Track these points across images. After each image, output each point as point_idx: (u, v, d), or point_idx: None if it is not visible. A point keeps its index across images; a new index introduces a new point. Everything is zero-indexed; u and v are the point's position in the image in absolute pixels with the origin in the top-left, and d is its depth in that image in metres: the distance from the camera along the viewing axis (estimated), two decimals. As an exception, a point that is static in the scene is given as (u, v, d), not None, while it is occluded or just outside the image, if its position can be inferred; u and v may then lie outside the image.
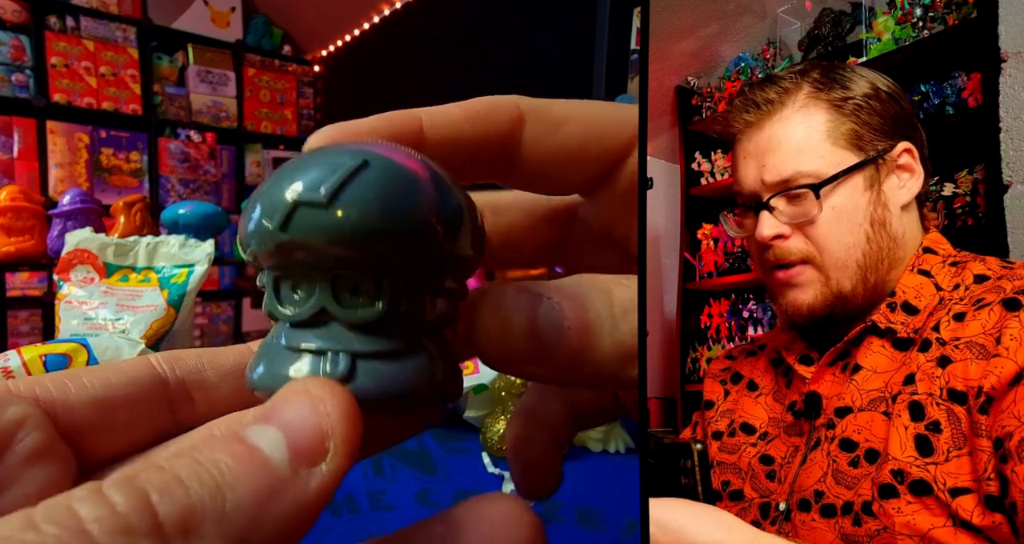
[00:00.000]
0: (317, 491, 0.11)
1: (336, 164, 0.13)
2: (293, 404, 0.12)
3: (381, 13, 2.40)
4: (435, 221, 0.13)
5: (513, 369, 0.15)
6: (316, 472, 0.11)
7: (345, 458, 0.12)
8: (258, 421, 0.12)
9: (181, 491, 0.10)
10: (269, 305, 0.14)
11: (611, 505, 0.45)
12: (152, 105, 2.31)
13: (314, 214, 0.12)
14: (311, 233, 0.13)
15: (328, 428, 0.12)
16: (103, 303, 0.66)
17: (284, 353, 0.14)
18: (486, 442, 0.56)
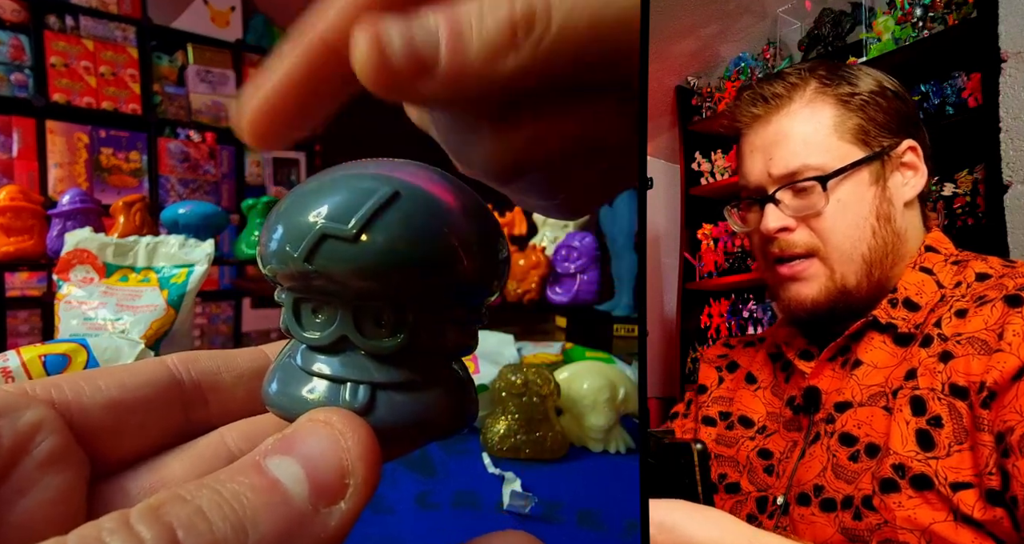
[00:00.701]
0: (336, 529, 0.11)
1: (366, 192, 0.13)
2: (314, 436, 0.12)
3: (381, 13, 2.40)
4: (462, 254, 0.13)
5: (396, 94, 0.14)
6: (336, 510, 0.11)
7: (364, 496, 0.12)
8: (279, 451, 0.12)
9: (205, 525, 0.10)
10: (287, 323, 0.14)
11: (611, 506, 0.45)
12: (152, 105, 2.31)
13: (341, 247, 0.12)
14: (336, 266, 0.12)
15: (349, 465, 0.12)
16: (103, 303, 0.66)
17: (301, 375, 0.14)
18: (486, 442, 0.56)
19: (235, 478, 0.11)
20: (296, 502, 0.11)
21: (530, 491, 0.45)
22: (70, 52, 2.13)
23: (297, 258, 0.13)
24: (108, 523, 0.10)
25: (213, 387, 0.16)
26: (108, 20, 2.22)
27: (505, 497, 0.46)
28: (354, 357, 0.13)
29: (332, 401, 0.13)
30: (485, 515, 0.45)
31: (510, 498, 0.45)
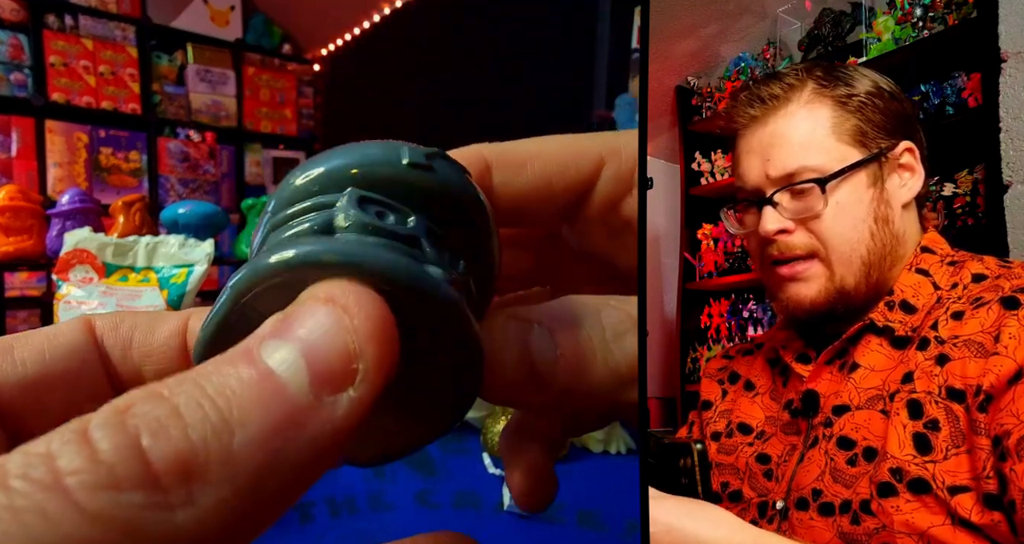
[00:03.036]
0: (344, 420, 0.10)
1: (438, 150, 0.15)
2: (314, 316, 0.10)
3: (381, 13, 2.40)
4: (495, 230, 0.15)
5: (506, 401, 0.15)
6: (343, 398, 0.10)
7: (377, 381, 0.10)
8: (274, 335, 0.10)
9: (178, 430, 0.08)
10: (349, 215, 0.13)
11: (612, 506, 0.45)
12: (151, 104, 2.31)
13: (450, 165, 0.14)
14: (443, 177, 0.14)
15: (356, 346, 0.10)
16: (102, 303, 0.66)
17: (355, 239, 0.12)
18: (486, 443, 0.56)
19: (221, 369, 0.09)
20: (292, 393, 0.09)
21: (530, 491, 0.45)
22: (69, 51, 2.13)
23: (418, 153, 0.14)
24: (63, 433, 0.08)
25: (121, 360, 0.14)
26: (107, 19, 2.22)
27: (505, 497, 0.46)
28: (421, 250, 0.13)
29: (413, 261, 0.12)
30: (485, 515, 0.45)
31: (510, 498, 0.45)
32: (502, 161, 0.18)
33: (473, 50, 1.94)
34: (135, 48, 2.26)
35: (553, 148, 0.18)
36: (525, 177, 0.18)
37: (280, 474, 0.09)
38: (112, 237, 0.73)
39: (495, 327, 0.14)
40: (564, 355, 0.14)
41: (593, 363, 0.14)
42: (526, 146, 0.18)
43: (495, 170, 0.18)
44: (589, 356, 0.14)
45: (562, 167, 0.18)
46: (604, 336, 0.14)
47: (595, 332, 0.14)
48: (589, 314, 0.14)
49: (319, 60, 2.77)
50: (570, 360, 0.14)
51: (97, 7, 2.20)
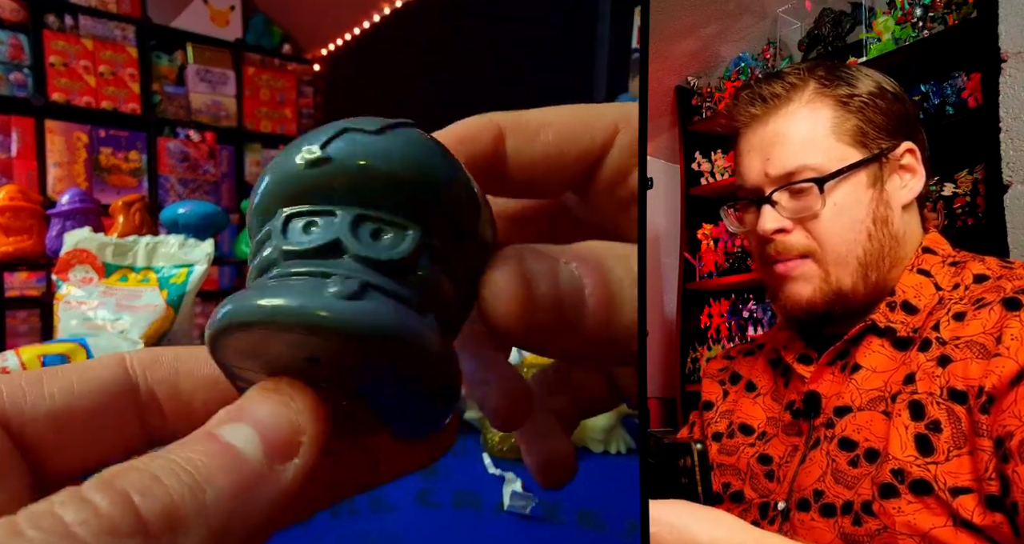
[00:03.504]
0: (292, 483, 0.12)
1: (381, 119, 0.13)
2: (263, 402, 0.12)
3: (381, 12, 2.40)
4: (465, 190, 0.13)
5: (533, 342, 0.14)
6: (291, 466, 0.12)
7: (316, 451, 0.12)
8: (231, 420, 0.12)
9: (161, 489, 0.10)
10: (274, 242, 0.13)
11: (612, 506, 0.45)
12: (151, 104, 2.31)
13: (360, 138, 0.13)
14: (351, 155, 0.12)
15: (299, 423, 0.12)
16: (102, 303, 0.66)
17: (276, 284, 0.12)
18: (486, 443, 0.56)
19: (188, 447, 0.11)
20: (250, 461, 0.11)
21: (531, 491, 0.45)
22: (69, 51, 2.13)
23: (311, 148, 0.12)
24: (59, 497, 0.10)
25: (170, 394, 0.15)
26: (107, 19, 2.22)
27: (505, 497, 0.45)
28: (344, 262, 0.12)
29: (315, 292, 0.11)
30: (485, 515, 0.45)
31: (511, 498, 0.45)
32: (515, 128, 0.17)
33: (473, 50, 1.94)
34: (135, 48, 2.26)
35: (567, 116, 0.18)
36: (538, 145, 0.17)
37: (243, 524, 0.11)
38: (112, 237, 0.73)
39: (523, 258, 0.13)
40: (593, 294, 0.13)
41: (621, 308, 0.13)
42: (540, 114, 0.18)
43: (509, 137, 0.17)
44: (618, 298, 0.13)
45: (575, 135, 0.17)
46: (633, 281, 0.14)
47: (627, 276, 0.14)
48: (620, 258, 0.14)
49: (319, 60, 2.77)
50: (599, 300, 0.13)
51: (97, 7, 2.20)
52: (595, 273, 0.13)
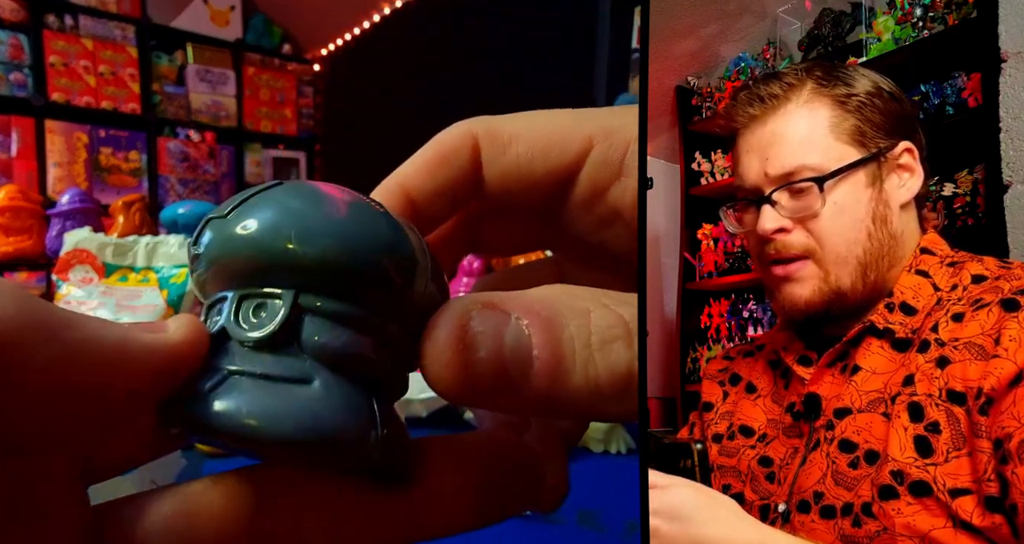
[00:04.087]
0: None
1: (256, 189, 0.13)
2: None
3: (381, 13, 2.40)
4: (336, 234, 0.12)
5: (474, 403, 0.13)
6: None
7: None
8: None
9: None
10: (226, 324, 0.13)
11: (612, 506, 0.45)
12: (151, 104, 2.31)
13: (217, 225, 0.13)
14: (212, 244, 0.13)
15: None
16: (102, 303, 0.66)
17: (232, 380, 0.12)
18: (486, 442, 0.56)
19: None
20: None
21: (530, 491, 0.45)
22: (69, 51, 2.13)
23: (191, 246, 0.13)
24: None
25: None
26: (107, 19, 2.22)
27: (505, 497, 0.45)
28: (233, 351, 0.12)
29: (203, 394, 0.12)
30: (485, 515, 0.45)
31: (510, 498, 0.45)
32: (488, 138, 0.17)
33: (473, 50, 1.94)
34: (135, 48, 2.26)
35: (542, 126, 0.17)
36: (507, 158, 0.17)
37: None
38: (112, 237, 0.73)
39: (467, 313, 0.13)
40: (540, 357, 0.12)
41: (571, 372, 0.12)
42: (513, 123, 0.18)
43: (483, 148, 0.17)
44: (568, 363, 0.12)
45: (545, 150, 0.17)
46: (588, 341, 0.13)
47: (580, 335, 0.13)
48: (577, 312, 0.13)
49: (319, 60, 2.77)
50: (546, 364, 0.12)
51: (97, 7, 2.20)
52: (546, 332, 0.12)
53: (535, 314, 0.13)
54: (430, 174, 0.17)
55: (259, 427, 0.11)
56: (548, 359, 0.12)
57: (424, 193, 0.17)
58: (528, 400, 0.13)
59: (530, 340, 0.12)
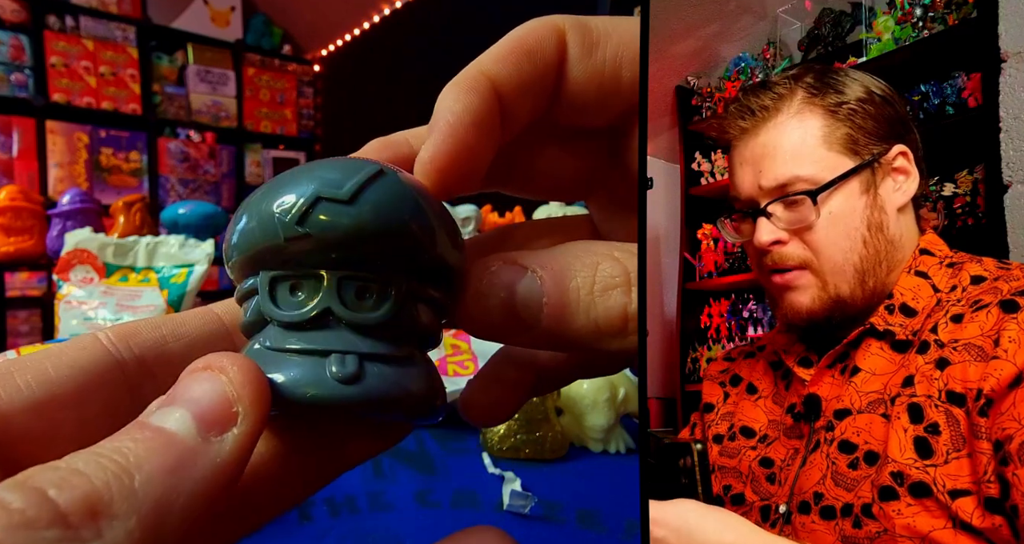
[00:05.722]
0: (232, 453, 0.11)
1: (354, 167, 0.13)
2: (196, 381, 0.12)
3: (381, 13, 2.40)
4: (437, 231, 0.14)
5: (492, 339, 0.15)
6: (228, 437, 0.11)
7: (256, 419, 0.12)
8: (161, 406, 0.12)
9: (82, 480, 0.10)
10: (263, 308, 0.14)
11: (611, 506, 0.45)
12: (152, 105, 2.31)
13: (336, 208, 0.13)
14: (331, 227, 0.13)
15: (233, 394, 0.12)
16: (102, 303, 0.66)
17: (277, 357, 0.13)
18: (486, 442, 0.56)
19: (116, 439, 0.11)
20: (183, 439, 0.11)
21: (530, 491, 0.45)
22: (70, 52, 2.13)
23: (289, 222, 0.13)
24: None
25: (161, 360, 0.14)
26: (108, 20, 2.22)
27: (505, 497, 0.46)
28: (337, 331, 0.13)
29: (319, 375, 0.13)
30: (485, 515, 0.45)
31: (510, 498, 0.45)
32: (576, 35, 0.16)
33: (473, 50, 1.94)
34: (135, 49, 2.26)
35: (632, 32, 0.16)
36: (595, 60, 0.16)
37: (180, 503, 0.10)
38: (112, 237, 0.73)
39: (489, 269, 0.15)
40: (549, 303, 0.15)
41: (575, 314, 0.15)
42: (604, 23, 0.16)
43: (570, 44, 0.16)
44: (572, 307, 0.15)
45: (634, 57, 0.16)
46: (592, 289, 0.15)
47: (584, 284, 0.15)
48: (586, 265, 0.15)
49: (319, 60, 2.77)
50: (554, 308, 0.15)
51: (98, 8, 2.20)
52: (555, 282, 0.15)
53: (547, 267, 0.15)
54: (515, 66, 0.16)
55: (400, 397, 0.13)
56: (555, 304, 0.15)
57: (509, 86, 0.16)
58: (539, 337, 0.15)
59: (541, 289, 0.15)
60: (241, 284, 0.14)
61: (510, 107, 0.16)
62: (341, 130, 2.65)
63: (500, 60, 0.16)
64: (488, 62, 0.16)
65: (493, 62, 0.16)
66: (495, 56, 0.16)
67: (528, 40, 0.16)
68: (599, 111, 0.17)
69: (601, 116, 0.17)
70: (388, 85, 2.34)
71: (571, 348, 0.15)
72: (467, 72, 0.16)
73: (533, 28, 0.16)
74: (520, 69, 0.16)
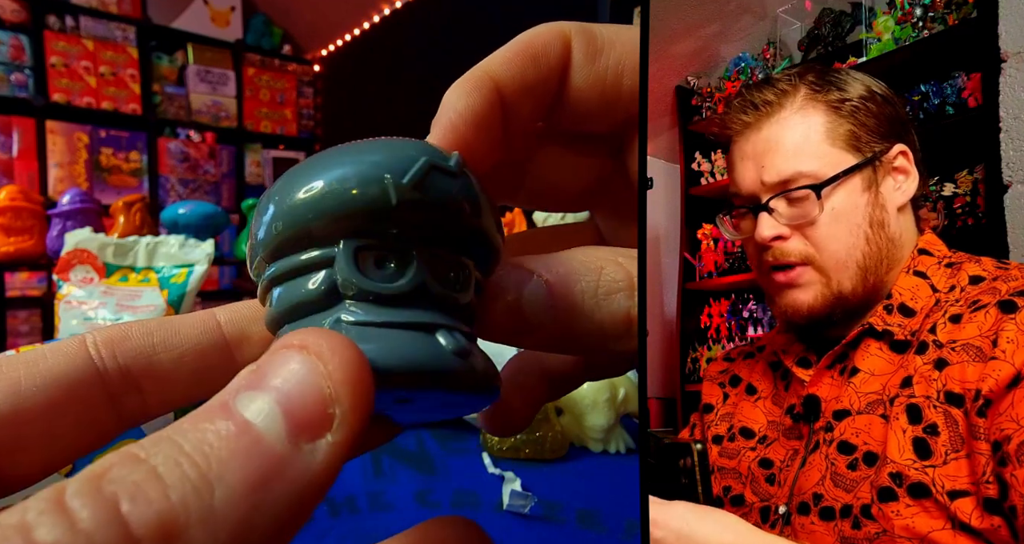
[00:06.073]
0: (323, 468, 0.10)
1: (428, 148, 0.13)
2: (288, 364, 0.10)
3: (381, 13, 2.40)
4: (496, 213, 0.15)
5: (498, 341, 0.16)
6: (321, 445, 0.10)
7: (354, 427, 0.10)
8: (248, 387, 0.10)
9: (158, 491, 0.08)
10: (347, 278, 0.12)
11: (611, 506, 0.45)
12: (152, 105, 2.31)
13: (447, 179, 0.13)
14: (443, 195, 0.13)
15: (331, 392, 0.10)
16: (102, 303, 0.66)
17: (373, 332, 0.12)
18: (486, 442, 0.56)
19: (198, 424, 0.09)
20: (270, 443, 0.09)
21: (530, 491, 0.45)
22: (70, 52, 2.13)
23: (405, 185, 0.12)
24: (37, 503, 0.08)
25: (147, 371, 0.13)
26: (108, 20, 2.22)
27: (505, 497, 0.46)
28: (430, 307, 0.13)
29: (434, 349, 0.12)
30: (485, 515, 0.45)
31: (510, 498, 0.45)
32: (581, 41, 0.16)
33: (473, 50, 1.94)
34: (135, 48, 2.26)
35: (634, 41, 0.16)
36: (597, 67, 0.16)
37: (261, 526, 0.09)
38: (112, 237, 0.73)
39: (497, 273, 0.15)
40: (555, 307, 0.15)
41: (580, 317, 0.15)
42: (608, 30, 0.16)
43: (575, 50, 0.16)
44: (577, 310, 0.15)
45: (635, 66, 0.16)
46: (596, 292, 0.15)
47: (588, 288, 0.15)
48: (591, 269, 0.15)
49: (319, 60, 2.77)
50: (560, 312, 0.15)
51: (98, 8, 2.20)
52: (560, 286, 0.15)
53: (553, 271, 0.15)
54: (519, 69, 0.16)
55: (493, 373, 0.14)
56: (561, 307, 0.15)
57: (513, 88, 0.16)
58: (545, 339, 0.15)
59: (546, 292, 0.15)
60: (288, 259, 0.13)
61: (513, 109, 0.16)
62: (341, 130, 2.65)
63: (505, 62, 0.16)
64: (493, 64, 0.16)
65: (498, 64, 0.16)
66: (501, 58, 0.16)
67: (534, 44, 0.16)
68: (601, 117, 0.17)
69: (604, 122, 0.17)
70: (388, 85, 2.34)
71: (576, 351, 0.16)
72: (472, 72, 0.16)
73: (540, 33, 0.16)
74: (524, 72, 0.16)
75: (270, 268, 0.13)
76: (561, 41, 0.16)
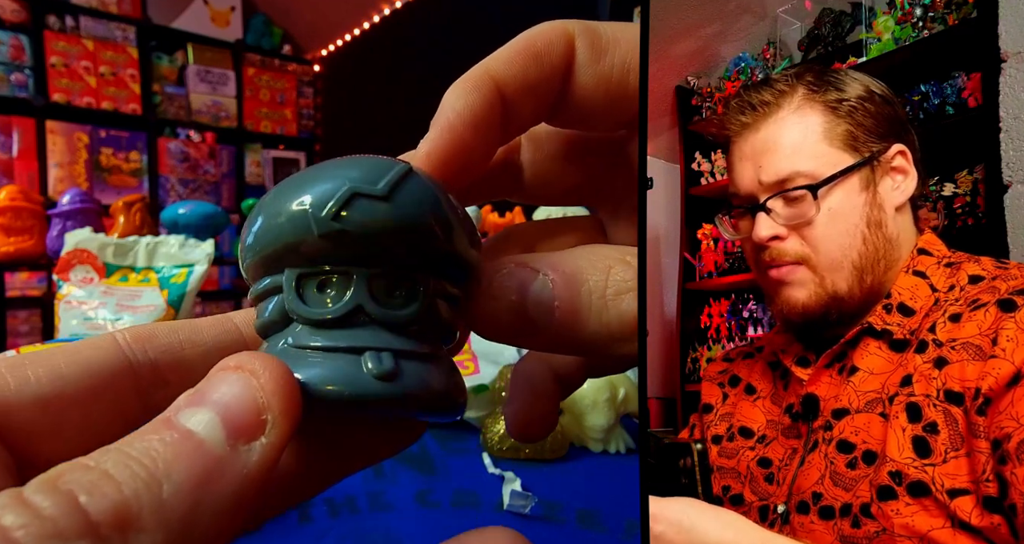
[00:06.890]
0: (259, 465, 0.11)
1: (385, 165, 0.13)
2: (225, 382, 0.12)
3: (381, 13, 2.40)
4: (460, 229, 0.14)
5: (503, 340, 0.15)
6: (256, 445, 0.11)
7: (285, 429, 0.12)
8: (189, 404, 0.11)
9: (112, 487, 0.09)
10: (289, 306, 0.13)
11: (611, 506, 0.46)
12: (152, 105, 2.32)
13: (372, 205, 0.13)
14: (367, 222, 0.13)
15: (263, 401, 0.11)
16: (102, 303, 0.66)
17: (306, 355, 0.13)
18: (486, 442, 0.56)
19: (144, 437, 0.10)
20: (211, 446, 0.11)
21: (530, 491, 0.45)
22: (70, 52, 2.13)
23: (324, 218, 0.12)
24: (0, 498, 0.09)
25: (175, 366, 0.14)
26: (108, 20, 2.22)
27: (505, 497, 0.46)
28: (368, 329, 0.13)
29: (355, 372, 0.12)
30: (485, 515, 0.45)
31: (510, 498, 0.45)
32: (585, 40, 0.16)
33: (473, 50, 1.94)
34: (135, 48, 2.26)
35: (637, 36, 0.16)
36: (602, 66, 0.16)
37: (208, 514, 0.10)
38: (112, 237, 0.73)
39: (501, 271, 0.15)
40: (560, 307, 0.14)
41: (587, 318, 0.15)
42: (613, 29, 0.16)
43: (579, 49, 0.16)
44: (584, 311, 0.14)
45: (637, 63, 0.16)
46: (604, 293, 0.15)
47: (596, 287, 0.15)
48: (599, 269, 0.15)
49: (319, 60, 2.77)
50: (565, 312, 0.14)
51: (98, 8, 2.21)
52: (566, 285, 0.15)
53: (559, 271, 0.15)
54: (521, 68, 0.16)
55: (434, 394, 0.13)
56: (566, 308, 0.15)
57: (514, 87, 0.16)
58: (550, 340, 0.15)
59: (552, 292, 0.14)
60: (256, 284, 0.14)
61: (513, 108, 0.16)
62: (341, 130, 2.65)
63: (507, 61, 0.16)
64: (495, 63, 0.16)
65: (500, 63, 0.16)
66: (503, 57, 0.16)
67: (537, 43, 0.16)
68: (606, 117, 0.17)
69: (608, 122, 0.17)
70: (388, 85, 2.34)
71: (581, 352, 0.15)
72: (474, 71, 0.16)
73: (543, 31, 0.16)
74: (526, 71, 0.16)
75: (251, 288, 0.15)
76: (564, 39, 0.16)
